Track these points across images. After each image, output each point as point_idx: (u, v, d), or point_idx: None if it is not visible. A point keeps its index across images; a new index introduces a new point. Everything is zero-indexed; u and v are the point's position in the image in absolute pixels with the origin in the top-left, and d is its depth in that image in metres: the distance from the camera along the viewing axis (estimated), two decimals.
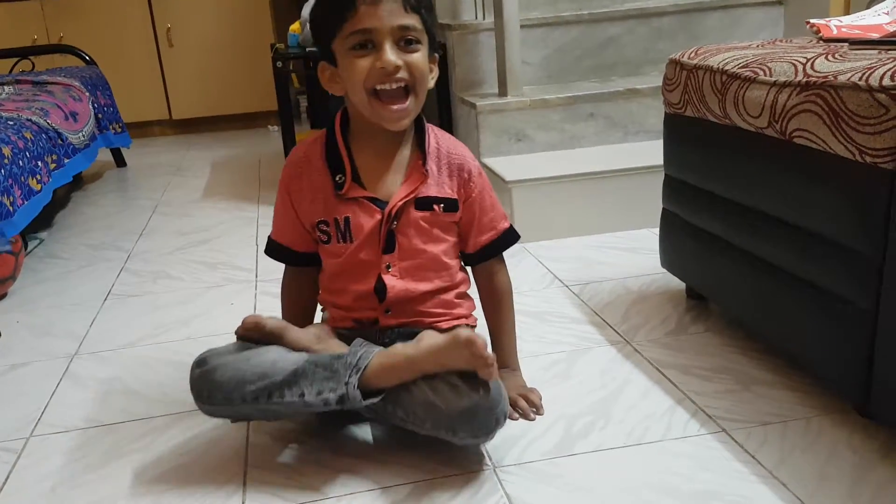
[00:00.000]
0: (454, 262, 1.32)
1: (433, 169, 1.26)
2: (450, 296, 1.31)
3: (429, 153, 1.26)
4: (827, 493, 1.06)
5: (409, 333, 1.26)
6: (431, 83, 1.23)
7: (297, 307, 1.37)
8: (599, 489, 1.10)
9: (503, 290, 1.35)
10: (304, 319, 1.35)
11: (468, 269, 1.37)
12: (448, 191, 1.27)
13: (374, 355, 1.15)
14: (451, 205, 1.27)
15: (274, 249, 1.35)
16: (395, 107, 1.18)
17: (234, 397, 1.14)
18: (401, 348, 1.16)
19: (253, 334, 1.20)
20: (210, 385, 1.16)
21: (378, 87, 1.17)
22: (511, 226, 1.34)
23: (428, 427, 1.13)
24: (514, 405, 1.27)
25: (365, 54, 1.16)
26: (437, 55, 1.25)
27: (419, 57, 1.18)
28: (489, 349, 1.14)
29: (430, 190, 1.25)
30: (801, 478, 1.09)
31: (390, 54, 1.14)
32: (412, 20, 1.15)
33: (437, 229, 1.28)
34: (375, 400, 1.13)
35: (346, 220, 1.24)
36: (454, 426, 1.12)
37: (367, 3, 1.12)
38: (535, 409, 1.29)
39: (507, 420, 1.16)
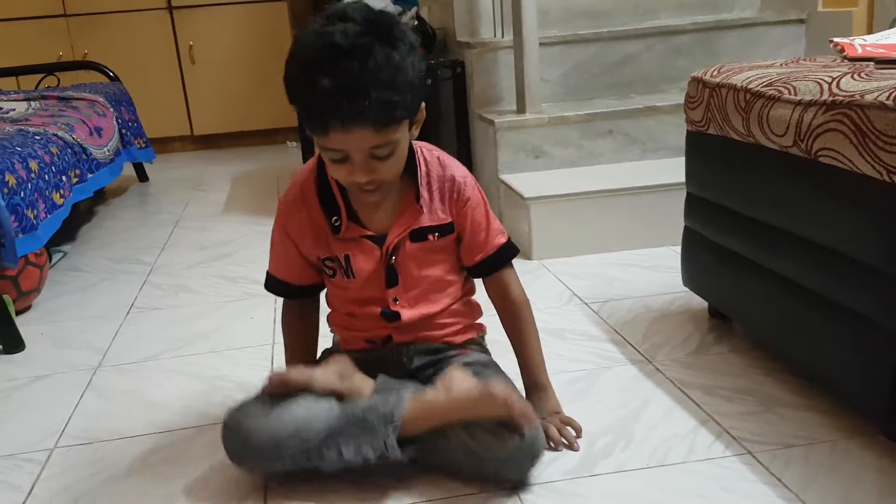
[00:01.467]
0: (458, 277, 1.32)
1: (426, 198, 1.25)
2: (458, 306, 1.32)
3: (421, 184, 1.25)
4: None
5: (426, 349, 1.28)
6: (415, 133, 1.20)
7: (302, 339, 1.35)
8: None
9: (517, 302, 1.32)
10: (308, 348, 1.34)
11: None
12: (441, 216, 1.26)
13: (406, 402, 1.14)
14: (445, 229, 1.27)
15: (273, 284, 1.33)
16: (370, 197, 1.19)
17: (274, 458, 1.15)
18: (433, 395, 1.15)
19: (280, 391, 1.18)
20: (247, 450, 1.16)
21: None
22: (508, 240, 1.32)
23: (468, 472, 1.16)
24: (547, 435, 1.23)
25: (339, 163, 1.14)
26: (421, 110, 1.19)
27: (393, 160, 1.15)
28: (520, 394, 1.16)
29: (424, 220, 1.25)
30: (828, 501, 1.08)
31: (361, 175, 1.13)
32: (384, 137, 1.10)
33: (435, 254, 1.28)
34: (413, 455, 1.14)
35: (347, 258, 1.25)
36: (498, 470, 1.14)
37: (338, 130, 1.08)
38: (566, 445, 1.25)
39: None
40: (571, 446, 1.25)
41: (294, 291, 1.32)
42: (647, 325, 1.70)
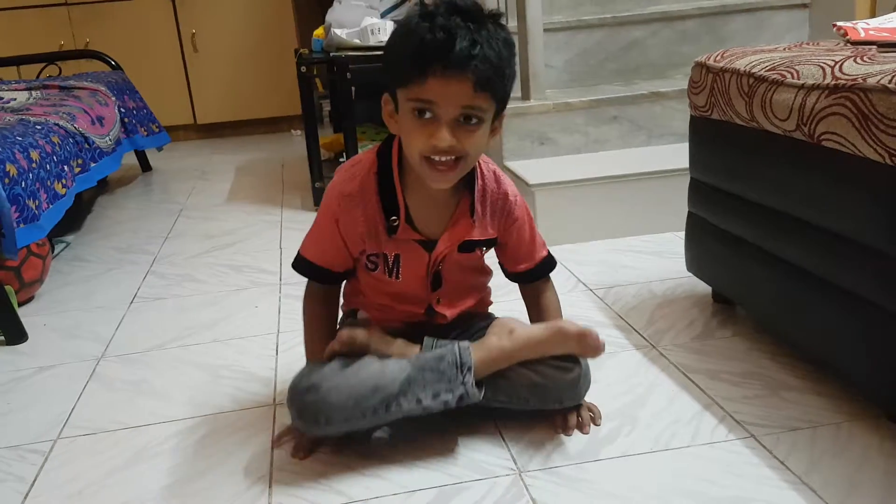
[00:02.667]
0: (486, 274, 1.39)
1: (479, 212, 1.25)
2: (485, 290, 1.41)
3: (476, 199, 1.25)
4: (858, 499, 1.04)
5: (460, 320, 1.35)
6: (490, 144, 1.20)
7: (327, 322, 1.34)
8: (627, 495, 1.09)
9: (551, 307, 1.37)
10: (329, 332, 1.33)
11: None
12: (490, 231, 1.28)
13: (472, 350, 1.21)
14: (491, 243, 1.31)
15: (309, 268, 1.30)
16: (441, 171, 1.15)
17: (355, 415, 1.18)
18: (496, 342, 1.23)
19: (346, 349, 1.23)
20: (328, 408, 1.17)
21: (429, 156, 1.14)
22: (549, 254, 1.36)
23: (533, 403, 1.25)
24: (567, 423, 1.26)
25: (424, 122, 1.11)
26: (503, 114, 1.20)
27: (477, 136, 1.13)
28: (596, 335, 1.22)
29: (475, 234, 1.26)
30: (832, 484, 1.07)
31: (446, 135, 1.10)
32: (480, 100, 1.10)
33: (476, 260, 1.33)
34: (484, 393, 1.21)
35: (397, 257, 1.25)
36: (562, 397, 1.25)
37: (438, 76, 1.07)
38: (581, 425, 1.27)
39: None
40: (583, 428, 1.26)
41: (331, 277, 1.31)
42: (651, 310, 1.70)
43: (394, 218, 1.22)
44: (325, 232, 1.27)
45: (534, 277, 1.36)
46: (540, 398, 1.24)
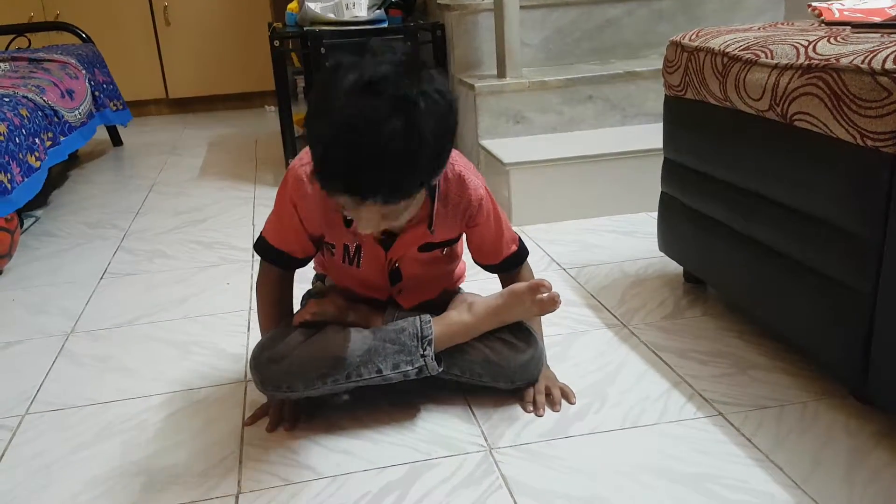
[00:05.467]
0: (455, 263, 1.38)
1: (440, 211, 1.22)
2: (452, 278, 1.41)
3: (436, 209, 1.21)
4: (822, 477, 1.06)
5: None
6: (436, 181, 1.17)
7: (281, 305, 1.32)
8: (595, 471, 1.10)
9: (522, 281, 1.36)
10: (283, 316, 1.32)
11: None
12: (452, 232, 1.27)
13: (433, 324, 1.23)
14: (453, 241, 1.30)
15: (270, 252, 1.28)
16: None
17: (316, 384, 1.21)
18: (456, 316, 1.25)
19: (309, 319, 1.25)
20: (291, 378, 1.20)
21: None
22: (518, 248, 1.34)
23: (486, 380, 1.27)
24: (536, 401, 1.27)
25: (350, 218, 1.16)
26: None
27: (405, 216, 1.11)
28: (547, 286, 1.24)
29: (436, 237, 1.25)
30: (797, 462, 1.09)
31: (368, 226, 1.08)
32: (395, 207, 1.05)
33: (439, 257, 1.30)
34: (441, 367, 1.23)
35: (357, 248, 1.24)
36: (513, 377, 1.27)
37: (348, 201, 1.02)
38: (552, 403, 1.27)
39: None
40: (554, 407, 1.27)
41: (291, 263, 1.29)
42: (623, 289, 1.71)
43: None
44: (283, 216, 1.24)
45: (500, 270, 1.36)
46: (492, 375, 1.26)
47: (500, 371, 1.26)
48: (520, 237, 1.35)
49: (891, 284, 1.05)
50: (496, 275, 1.38)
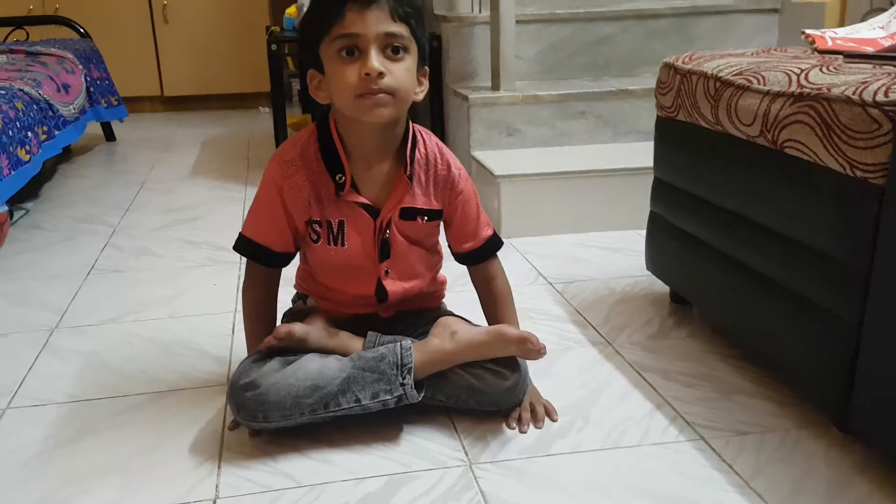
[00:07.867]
0: (438, 254, 1.37)
1: (420, 177, 1.26)
2: (433, 280, 1.39)
3: (417, 160, 1.26)
4: None
5: (407, 315, 1.35)
6: (420, 96, 1.21)
7: (265, 308, 1.33)
8: (575, 489, 1.10)
9: (501, 294, 1.36)
10: (269, 319, 1.32)
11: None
12: (434, 202, 1.28)
13: (413, 351, 1.21)
14: (434, 214, 1.30)
15: (248, 247, 1.29)
16: (377, 112, 1.15)
17: (293, 413, 1.18)
18: (437, 344, 1.24)
19: (283, 344, 1.22)
20: (266, 406, 1.17)
21: (362, 94, 1.14)
22: (494, 233, 1.36)
23: (472, 405, 1.26)
24: (521, 418, 1.27)
25: (351, 61, 1.13)
26: (426, 68, 1.22)
27: (404, 66, 1.15)
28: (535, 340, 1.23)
29: (417, 201, 1.26)
30: (777, 490, 1.09)
31: (375, 61, 1.12)
32: (400, 28, 1.13)
33: (423, 233, 1.31)
34: (423, 394, 1.22)
35: (341, 224, 1.25)
36: (498, 402, 1.26)
37: (355, 9, 1.11)
38: (534, 423, 1.27)
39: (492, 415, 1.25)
40: (536, 424, 1.27)
41: (271, 258, 1.29)
42: (609, 307, 1.71)
43: (340, 175, 1.22)
44: (264, 206, 1.26)
45: (480, 257, 1.35)
46: (477, 401, 1.25)
47: (484, 397, 1.25)
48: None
49: (876, 314, 1.05)
50: (469, 273, 1.37)
